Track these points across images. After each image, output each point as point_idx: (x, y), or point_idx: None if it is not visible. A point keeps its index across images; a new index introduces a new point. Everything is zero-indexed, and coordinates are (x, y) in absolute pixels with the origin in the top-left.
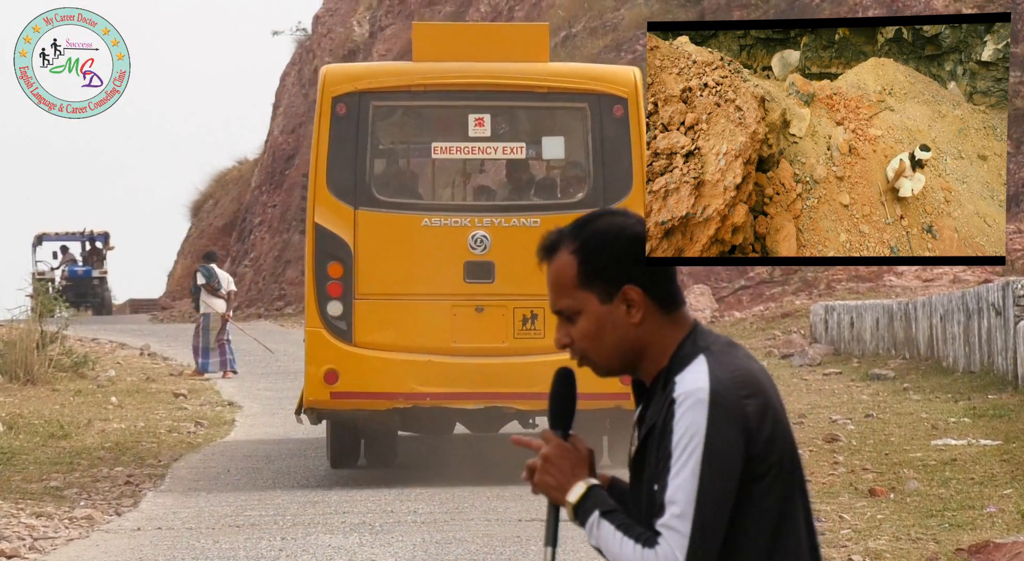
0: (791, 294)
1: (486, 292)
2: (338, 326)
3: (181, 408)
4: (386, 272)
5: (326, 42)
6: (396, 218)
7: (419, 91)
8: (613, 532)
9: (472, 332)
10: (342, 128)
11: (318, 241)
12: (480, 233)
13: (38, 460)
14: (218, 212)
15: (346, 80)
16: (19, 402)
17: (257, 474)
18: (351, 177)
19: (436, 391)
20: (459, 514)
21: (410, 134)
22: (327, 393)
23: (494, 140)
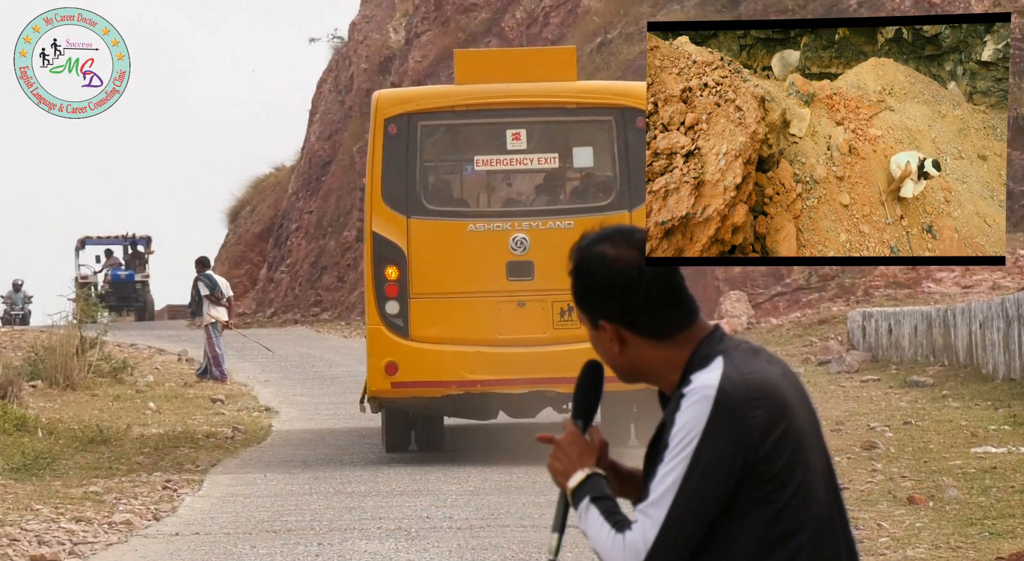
0: (828, 300)
1: (527, 288)
2: (396, 323)
3: (218, 413)
4: (437, 273)
5: (362, 49)
6: (444, 225)
7: (461, 110)
8: (597, 517)
9: (515, 324)
10: (394, 146)
11: (376, 247)
12: (520, 236)
13: (78, 465)
14: (255, 218)
15: (396, 103)
16: (59, 407)
17: (293, 479)
18: (403, 189)
19: (485, 378)
20: (494, 520)
21: (454, 149)
22: (388, 383)
23: (529, 152)
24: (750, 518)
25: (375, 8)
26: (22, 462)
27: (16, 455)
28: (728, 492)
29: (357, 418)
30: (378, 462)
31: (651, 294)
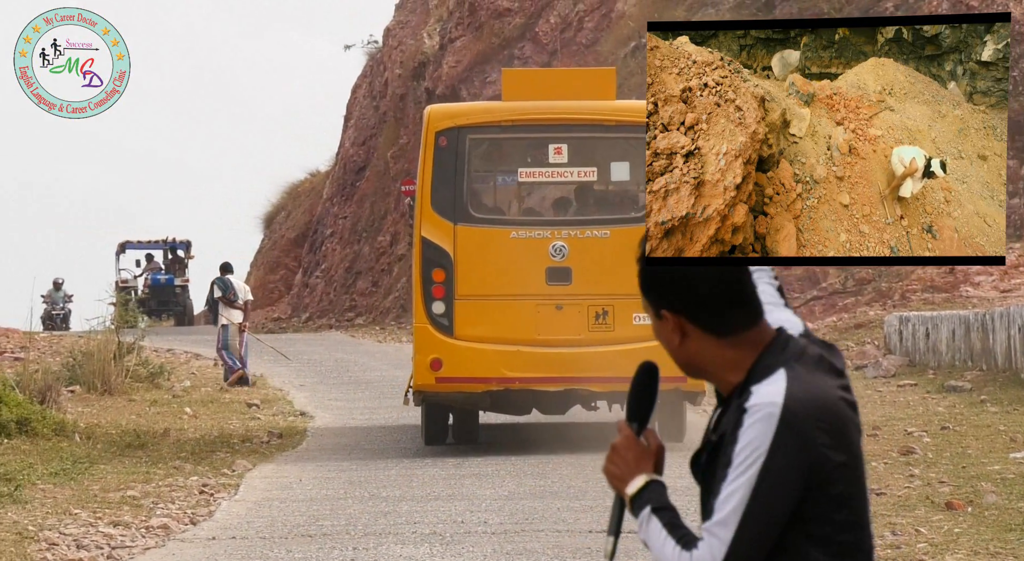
0: (864, 304)
1: (565, 293)
2: (441, 322)
3: (254, 418)
4: (481, 277)
5: (397, 54)
6: (489, 232)
7: (507, 125)
8: (659, 529)
9: (553, 326)
10: (443, 157)
11: (424, 251)
12: (559, 243)
13: (115, 470)
14: (290, 224)
15: (446, 117)
16: (97, 412)
17: (329, 484)
18: (451, 198)
19: (523, 376)
20: (529, 525)
21: (499, 161)
22: (433, 378)
23: (570, 165)
24: (811, 537)
25: (409, 14)
26: (60, 467)
27: (55, 460)
28: (792, 511)
29: (392, 423)
30: (413, 466)
31: (716, 288)
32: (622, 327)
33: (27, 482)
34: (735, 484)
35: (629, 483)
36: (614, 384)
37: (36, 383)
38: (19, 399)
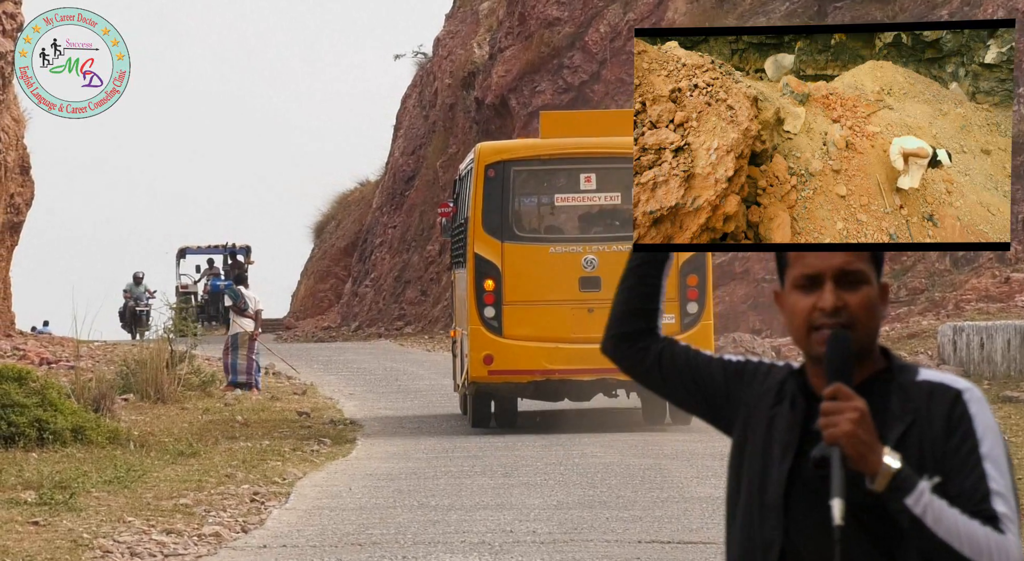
0: (917, 314)
1: (595, 298)
2: (492, 324)
3: (304, 427)
4: (524, 285)
5: (447, 64)
6: (531, 248)
7: (545, 159)
8: (950, 509)
9: (586, 326)
10: (491, 186)
11: (477, 265)
12: (590, 256)
13: (168, 478)
14: (340, 233)
15: (494, 152)
16: (150, 420)
17: (378, 492)
18: (499, 220)
19: (561, 368)
20: (578, 534)
21: (539, 188)
22: (486, 371)
23: (598, 191)
24: None
25: (459, 24)
26: (115, 474)
27: (109, 468)
28: None
29: (441, 432)
30: (462, 475)
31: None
32: None
33: (82, 490)
34: (999, 469)
35: (885, 455)
36: None
37: (90, 391)
38: (74, 407)
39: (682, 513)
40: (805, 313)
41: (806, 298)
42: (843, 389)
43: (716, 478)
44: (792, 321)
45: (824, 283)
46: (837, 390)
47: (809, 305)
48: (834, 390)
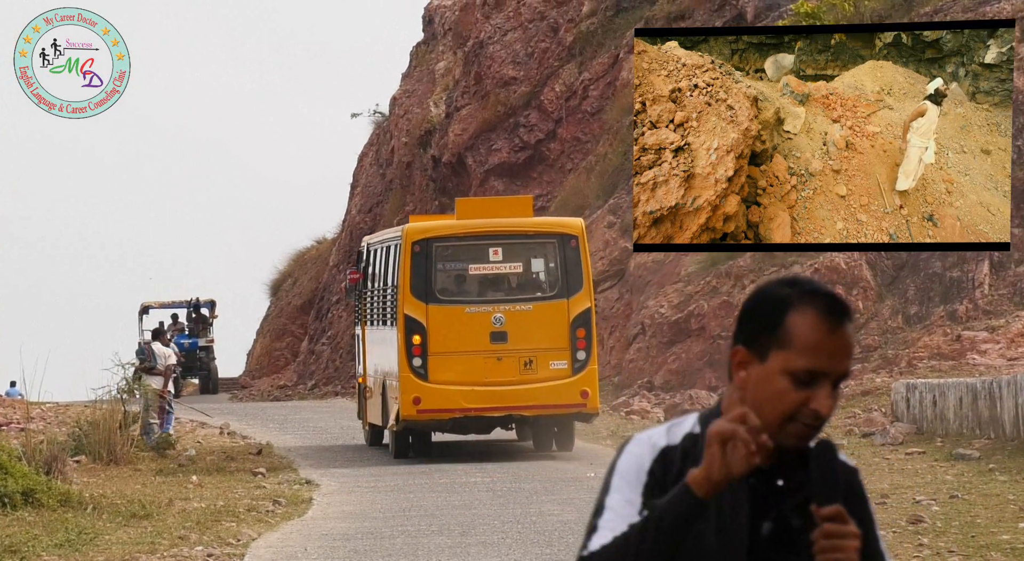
0: (871, 371)
1: (503, 349)
2: (419, 371)
3: (260, 486)
4: (445, 339)
5: (403, 123)
6: (450, 308)
7: (461, 236)
8: None
9: (496, 372)
10: (417, 259)
11: (406, 323)
12: (498, 315)
13: (120, 540)
14: (296, 291)
15: (419, 232)
16: (102, 482)
17: (334, 553)
18: (423, 286)
19: (477, 406)
20: None
21: (456, 259)
22: (415, 410)
23: (504, 261)
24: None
25: (416, 83)
26: (65, 537)
27: (60, 530)
28: None
29: (398, 491)
30: (418, 535)
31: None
32: (543, 370)
33: (32, 554)
34: (880, 539)
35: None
36: (536, 410)
37: (41, 453)
38: (25, 470)
39: None
40: (792, 406)
41: (796, 391)
42: (843, 513)
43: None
44: (768, 402)
45: (822, 384)
46: (839, 514)
47: (800, 399)
48: (835, 513)
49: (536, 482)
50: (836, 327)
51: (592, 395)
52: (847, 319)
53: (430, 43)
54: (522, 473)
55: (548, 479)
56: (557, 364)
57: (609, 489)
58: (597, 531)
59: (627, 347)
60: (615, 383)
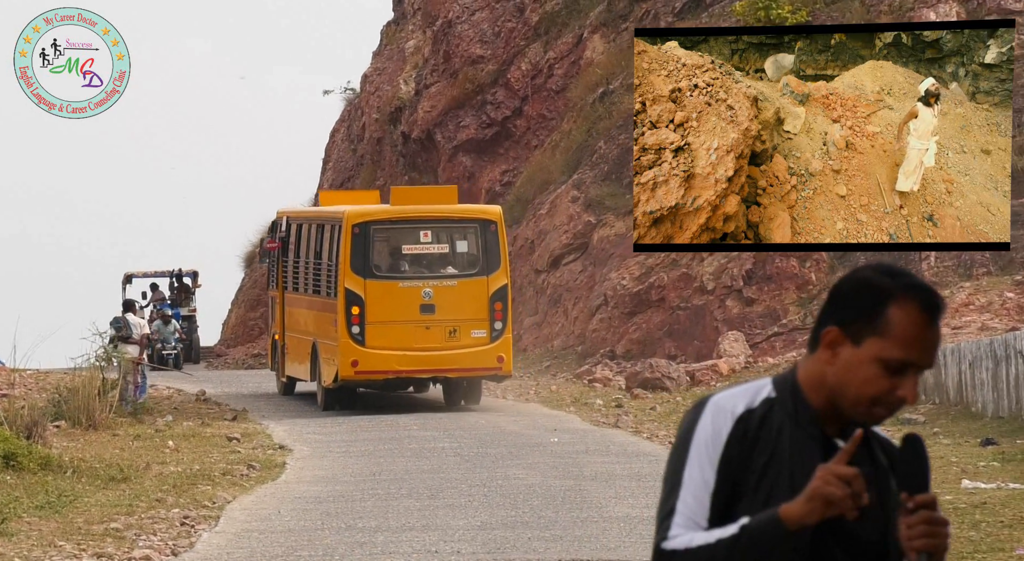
0: None
1: (430, 319)
2: (358, 338)
3: (235, 451)
4: (381, 310)
5: (374, 100)
6: (386, 283)
7: (395, 220)
8: None
9: (424, 339)
10: (357, 240)
11: (347, 296)
12: (428, 289)
13: (99, 502)
14: None
15: (359, 215)
16: (81, 447)
17: (307, 515)
18: (362, 264)
19: (408, 369)
20: (501, 554)
21: (391, 240)
22: (353, 372)
23: (433, 243)
24: None
25: (386, 61)
26: (46, 500)
27: (40, 493)
28: None
29: (368, 455)
30: (388, 498)
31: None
32: (465, 338)
33: (13, 515)
34: None
35: None
36: (459, 372)
37: (23, 419)
38: (6, 434)
39: (601, 532)
40: (880, 392)
41: (887, 379)
42: (936, 501)
43: (633, 498)
44: (857, 385)
45: (910, 374)
46: (934, 501)
47: (889, 386)
48: (931, 500)
49: (502, 447)
50: (932, 321)
51: (507, 360)
52: (942, 314)
53: (400, 22)
54: (488, 439)
55: (513, 444)
56: (477, 333)
57: (687, 459)
58: (675, 515)
59: (590, 318)
60: (578, 352)
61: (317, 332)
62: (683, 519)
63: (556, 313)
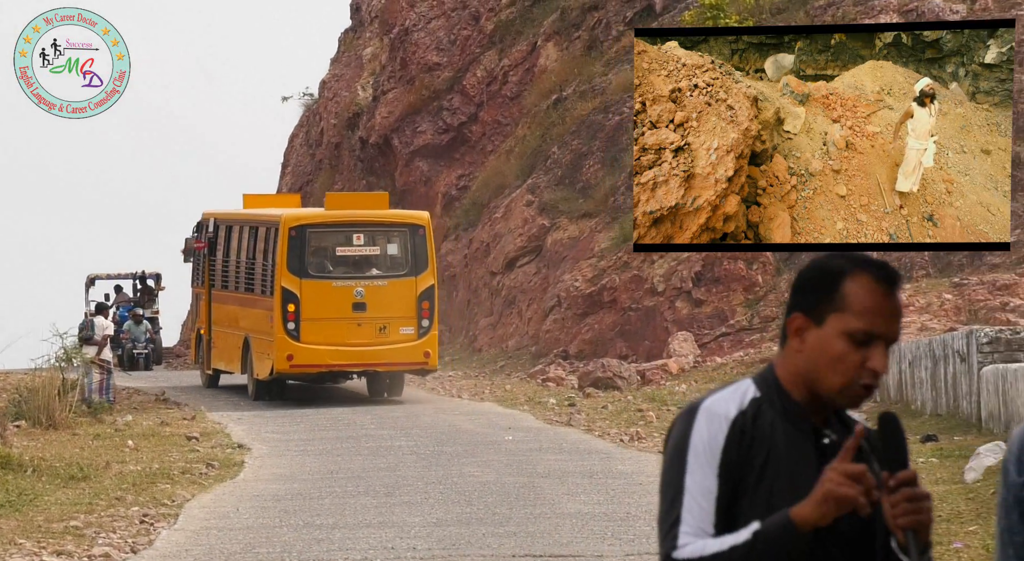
0: (769, 340)
1: (362, 316)
2: (293, 334)
3: (194, 450)
4: (316, 308)
5: (332, 105)
6: (320, 283)
7: (330, 223)
8: None
9: (356, 335)
10: (293, 241)
11: (283, 294)
12: (360, 289)
13: (59, 501)
14: None
15: (295, 219)
16: (41, 446)
17: (265, 513)
18: (298, 264)
19: (339, 363)
20: (456, 550)
21: (325, 243)
22: (288, 365)
23: (364, 246)
24: None
25: (344, 68)
26: (6, 498)
27: (1, 492)
28: None
29: (325, 454)
30: (345, 495)
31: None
32: (394, 335)
33: None
34: None
35: None
36: (388, 366)
37: None
38: None
39: (553, 528)
40: (852, 366)
41: (855, 351)
42: (916, 476)
43: (585, 494)
44: (829, 364)
45: (877, 345)
46: (914, 477)
47: (858, 360)
48: (911, 477)
49: (457, 445)
50: (889, 291)
51: (432, 355)
52: (898, 285)
53: (358, 30)
54: (444, 437)
55: (469, 443)
56: (406, 330)
57: (685, 468)
58: (681, 523)
59: (544, 318)
60: (532, 352)
61: (250, 328)
62: (690, 527)
63: (511, 314)
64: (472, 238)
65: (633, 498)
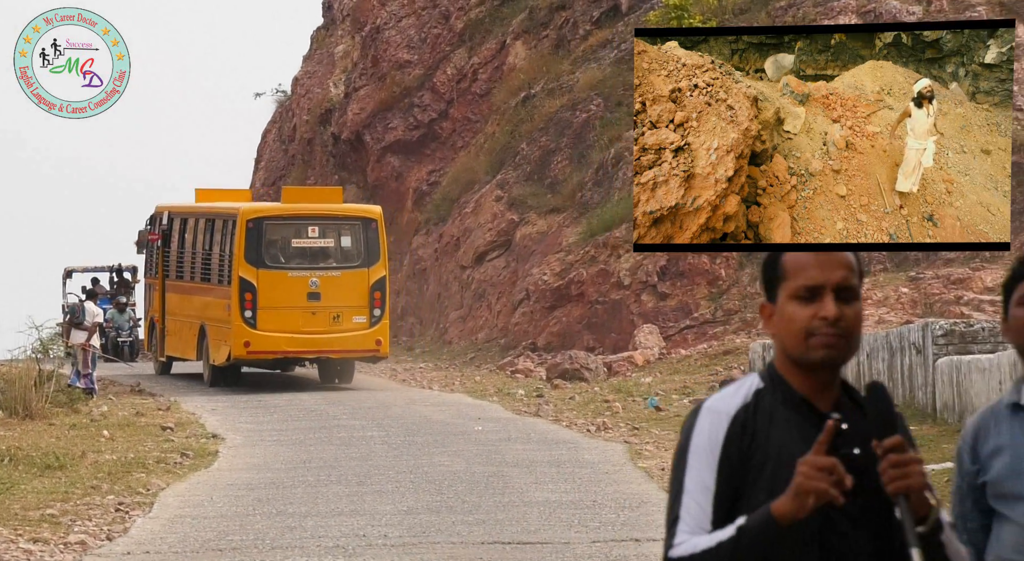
0: (732, 333)
1: (317, 305)
2: (250, 321)
3: (168, 440)
4: (272, 297)
5: (304, 102)
6: (276, 273)
7: (286, 216)
8: (952, 533)
9: (310, 323)
10: (251, 234)
11: (240, 284)
12: (315, 279)
13: (35, 490)
14: None
15: (253, 212)
16: (18, 436)
17: (239, 502)
18: (255, 255)
19: (294, 350)
20: (426, 537)
21: (282, 234)
22: (245, 351)
23: (319, 238)
24: None
25: (316, 65)
26: None
27: None
28: None
29: (298, 444)
30: (318, 484)
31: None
32: (347, 323)
33: None
34: None
35: (930, 498)
36: (341, 353)
37: None
38: None
39: (521, 516)
40: (804, 321)
41: (805, 308)
42: (903, 442)
43: (553, 483)
44: (788, 329)
45: (824, 295)
46: (899, 443)
47: (809, 314)
48: (897, 443)
49: (428, 436)
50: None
51: (384, 343)
52: None
53: (330, 28)
54: (415, 428)
55: (439, 433)
56: (358, 318)
57: (686, 466)
58: (679, 522)
59: (512, 311)
60: (501, 344)
61: (207, 316)
62: (688, 526)
63: (480, 307)
64: (443, 233)
65: (599, 486)
